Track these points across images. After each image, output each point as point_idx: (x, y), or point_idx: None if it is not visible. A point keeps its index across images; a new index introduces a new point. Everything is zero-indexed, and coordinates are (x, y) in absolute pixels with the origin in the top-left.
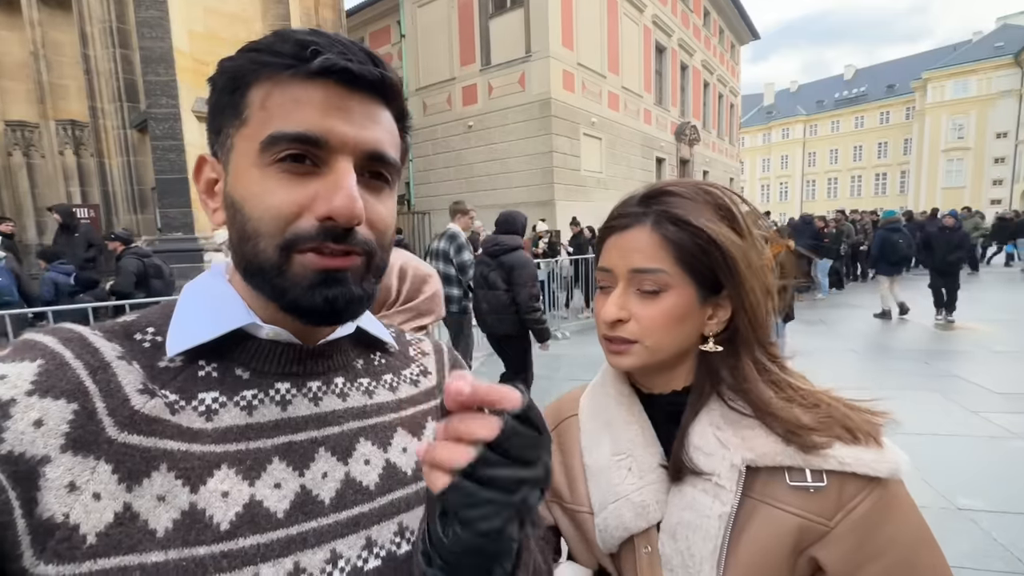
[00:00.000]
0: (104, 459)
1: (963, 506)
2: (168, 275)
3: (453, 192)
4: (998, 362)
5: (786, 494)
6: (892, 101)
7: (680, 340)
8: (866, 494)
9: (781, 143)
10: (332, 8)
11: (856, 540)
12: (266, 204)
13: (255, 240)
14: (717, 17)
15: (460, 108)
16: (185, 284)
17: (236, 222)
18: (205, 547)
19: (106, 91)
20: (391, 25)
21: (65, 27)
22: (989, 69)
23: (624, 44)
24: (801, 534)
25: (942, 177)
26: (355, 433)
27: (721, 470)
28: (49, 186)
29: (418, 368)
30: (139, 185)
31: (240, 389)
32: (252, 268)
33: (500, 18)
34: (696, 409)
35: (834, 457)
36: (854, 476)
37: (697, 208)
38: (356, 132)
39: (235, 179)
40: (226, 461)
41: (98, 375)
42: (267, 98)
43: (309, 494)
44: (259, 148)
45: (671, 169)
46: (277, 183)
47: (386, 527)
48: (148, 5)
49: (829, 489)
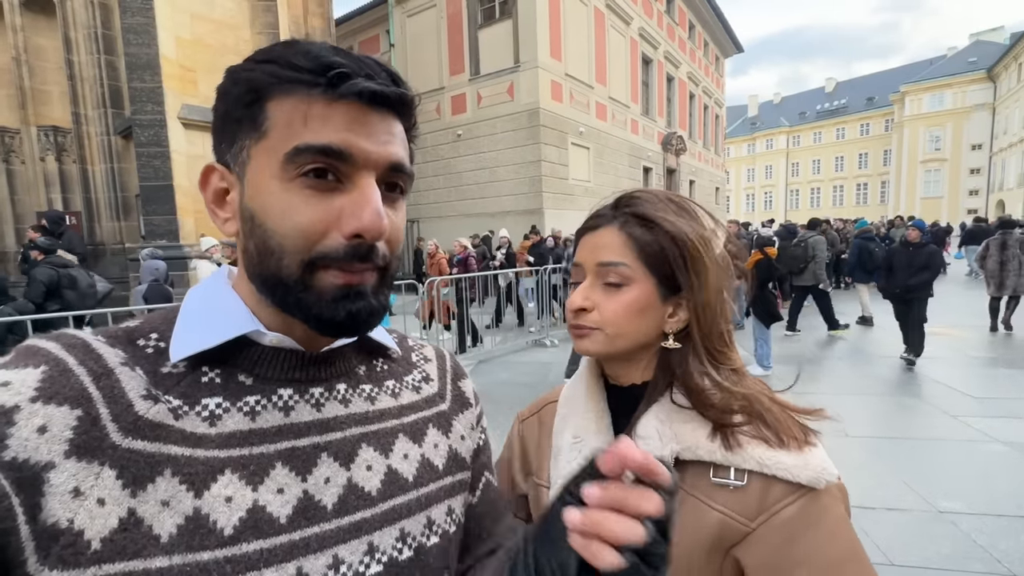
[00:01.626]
0: (108, 465)
1: (944, 509)
2: (86, 286)
3: (442, 200)
4: (974, 367)
5: (710, 489)
6: (872, 113)
7: (640, 332)
8: (791, 500)
9: (765, 153)
10: (321, 16)
11: (777, 545)
12: (293, 221)
13: (279, 255)
14: (702, 30)
15: (449, 117)
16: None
17: (255, 235)
18: (209, 552)
19: (90, 97)
20: (380, 34)
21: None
22: (963, 83)
23: (611, 55)
24: (722, 530)
25: (921, 187)
26: (357, 439)
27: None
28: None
29: (420, 374)
30: (123, 192)
31: (243, 395)
32: (273, 281)
33: (489, 28)
34: (650, 402)
35: (754, 458)
36: (780, 480)
37: (662, 211)
38: (378, 148)
39: (254, 191)
40: (229, 466)
41: (101, 381)
42: (291, 112)
43: (312, 499)
44: (283, 160)
45: (658, 178)
46: (302, 199)
47: (388, 533)
48: (134, 11)
49: (751, 489)
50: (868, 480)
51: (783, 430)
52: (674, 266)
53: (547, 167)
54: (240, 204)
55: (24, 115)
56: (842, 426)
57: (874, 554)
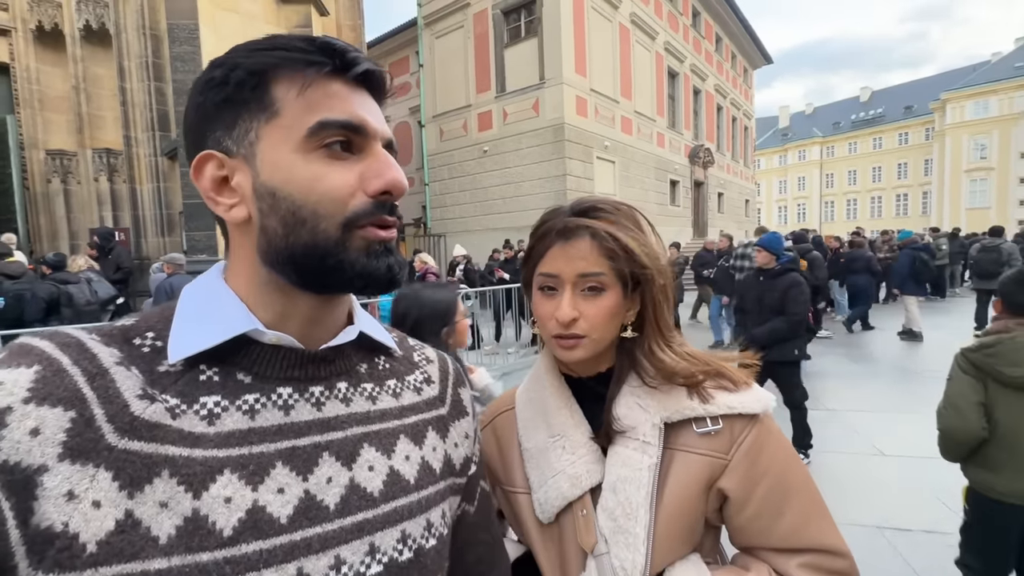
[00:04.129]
0: (104, 466)
1: None
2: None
3: (468, 215)
4: None
5: (695, 440)
6: (910, 122)
7: (613, 331)
8: (750, 428)
9: (798, 164)
10: (355, 41)
11: (746, 466)
12: (324, 186)
13: (314, 222)
14: (729, 43)
15: (476, 134)
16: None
17: (280, 209)
18: (208, 553)
19: (140, 121)
20: (410, 55)
21: (104, 62)
22: (1010, 89)
23: (636, 70)
24: (711, 470)
25: (966, 197)
26: (359, 438)
27: (645, 429)
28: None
29: (422, 375)
30: (167, 209)
31: (242, 393)
32: (306, 251)
33: (515, 47)
34: (619, 384)
35: (725, 404)
36: (739, 416)
37: (621, 224)
38: (379, 123)
39: (272, 168)
40: (228, 466)
41: (96, 381)
42: (303, 90)
43: (314, 499)
44: (305, 135)
45: (685, 191)
46: (327, 167)
47: (389, 534)
48: (182, 41)
49: (724, 430)
50: (905, 500)
51: (736, 378)
52: (634, 271)
53: (572, 181)
54: (254, 184)
55: (81, 139)
56: (877, 444)
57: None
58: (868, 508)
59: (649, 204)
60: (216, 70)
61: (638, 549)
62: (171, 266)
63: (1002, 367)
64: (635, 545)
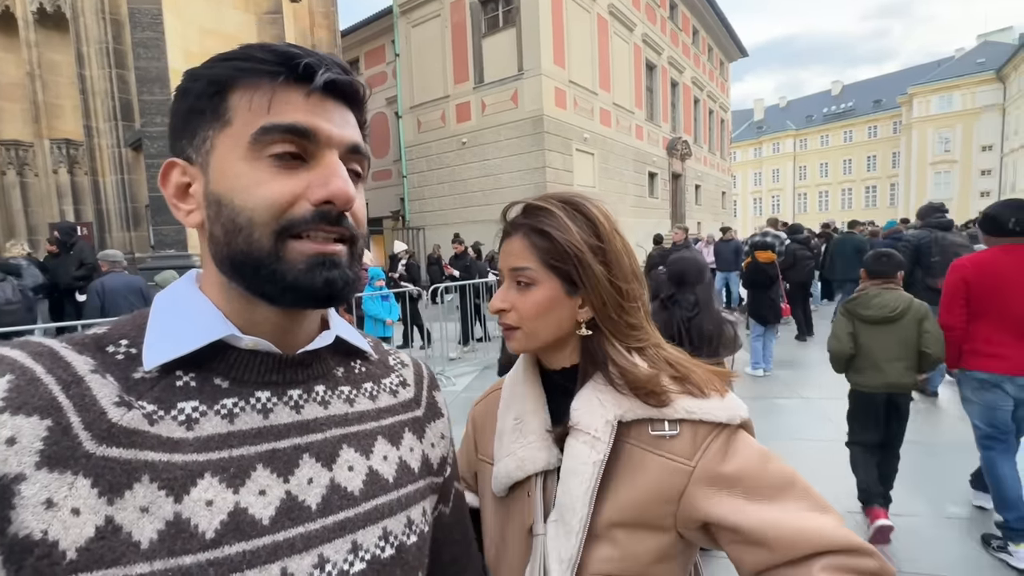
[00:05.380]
0: (82, 474)
1: (951, 515)
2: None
3: (447, 208)
4: None
5: (651, 440)
6: (879, 116)
7: (554, 325)
8: (714, 436)
9: (772, 157)
10: (327, 29)
11: (712, 475)
12: (261, 194)
13: (248, 230)
14: (706, 35)
15: (454, 125)
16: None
17: (222, 216)
18: (191, 556)
19: (101, 111)
20: (386, 44)
21: (61, 48)
22: (972, 84)
23: (615, 62)
24: (671, 475)
25: (931, 189)
26: (338, 440)
27: (598, 425)
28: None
29: (398, 378)
30: (132, 203)
31: (220, 398)
32: (243, 259)
33: (493, 37)
34: (584, 380)
35: (682, 407)
36: (702, 423)
37: (562, 221)
38: (338, 130)
39: (219, 176)
40: (209, 470)
41: (71, 389)
42: (253, 99)
43: (295, 500)
44: (250, 141)
45: (663, 183)
46: (269, 174)
47: (371, 531)
48: (144, 26)
49: (683, 435)
50: None
51: (705, 384)
52: (569, 269)
53: (552, 173)
54: (205, 191)
55: (38, 128)
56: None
57: None
58: (841, 493)
59: (628, 196)
60: (186, 79)
61: (570, 540)
62: (107, 263)
63: (861, 310)
64: (568, 535)
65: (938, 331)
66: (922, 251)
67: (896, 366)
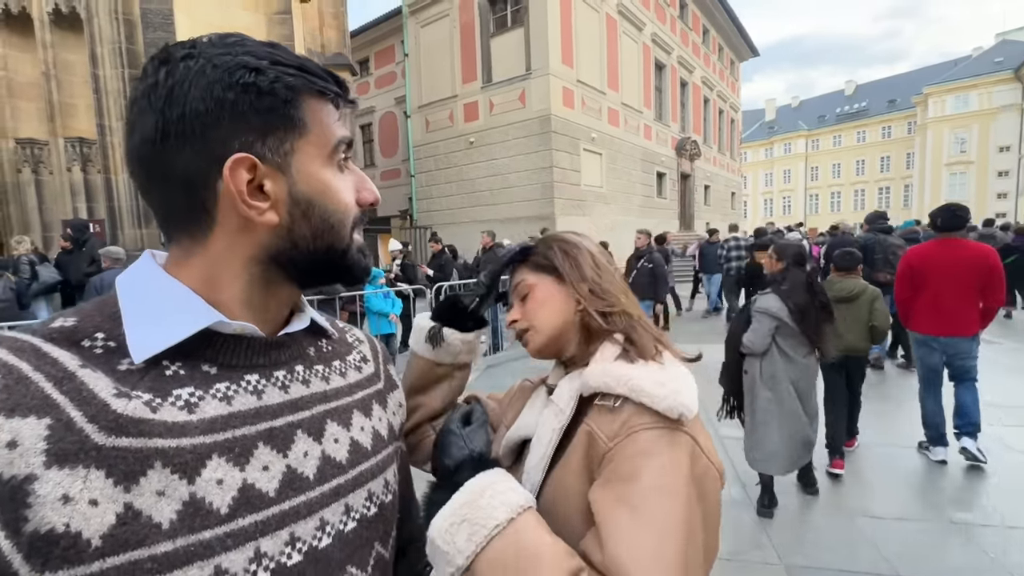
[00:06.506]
0: (94, 466)
1: (957, 520)
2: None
3: (455, 207)
4: (997, 375)
5: (597, 414)
6: (893, 116)
7: (557, 314)
8: (649, 426)
9: (783, 157)
10: (337, 29)
11: (617, 459)
12: (344, 197)
13: (339, 228)
14: (716, 35)
15: (462, 125)
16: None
17: (313, 216)
18: (210, 531)
19: (114, 109)
20: (395, 45)
21: (76, 48)
22: (989, 84)
23: (623, 61)
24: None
25: (946, 190)
26: (323, 415)
27: (565, 398)
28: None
29: (359, 355)
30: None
31: (213, 383)
32: (329, 252)
33: (501, 37)
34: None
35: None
36: (647, 409)
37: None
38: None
39: (306, 179)
40: (216, 451)
41: (64, 385)
42: (321, 112)
43: (295, 472)
44: (331, 151)
45: (672, 183)
46: (342, 180)
47: (359, 494)
48: (156, 27)
49: (623, 413)
50: (879, 490)
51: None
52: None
53: (559, 173)
54: (291, 192)
55: (52, 127)
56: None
57: (882, 566)
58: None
59: (636, 196)
60: (249, 74)
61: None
62: (108, 260)
63: (828, 292)
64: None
65: (884, 310)
66: (867, 250)
67: (852, 334)
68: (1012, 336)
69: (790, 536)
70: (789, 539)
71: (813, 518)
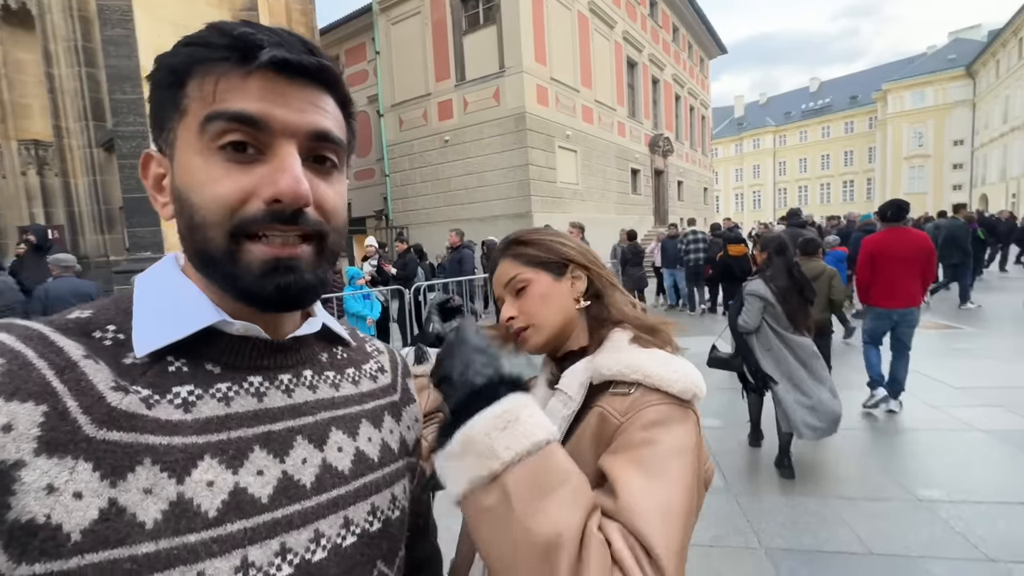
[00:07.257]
0: (83, 458)
1: (923, 497)
2: None
3: (431, 206)
4: (957, 359)
5: (609, 399)
6: (855, 111)
7: (557, 310)
8: (657, 403)
9: (752, 153)
10: (305, 26)
11: (630, 430)
12: (212, 192)
13: (204, 229)
14: (686, 33)
15: (436, 123)
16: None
17: (184, 212)
18: (195, 534)
19: (71, 110)
20: (366, 42)
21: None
22: (944, 80)
23: (596, 59)
24: (601, 427)
25: (906, 183)
26: (327, 423)
27: (575, 386)
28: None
29: (376, 364)
30: (106, 204)
31: (214, 382)
32: (203, 257)
33: (474, 35)
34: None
35: (640, 369)
36: (656, 390)
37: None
38: (296, 116)
39: (181, 169)
40: (208, 451)
41: (66, 374)
42: (203, 86)
43: (291, 479)
44: (197, 130)
45: (646, 180)
46: (222, 170)
47: (361, 507)
48: (114, 23)
49: (634, 395)
50: (850, 471)
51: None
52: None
53: (535, 171)
54: (172, 185)
55: (4, 129)
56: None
57: (855, 544)
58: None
59: (611, 193)
60: (154, 66)
61: None
62: (58, 268)
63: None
64: None
65: (840, 286)
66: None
67: (816, 309)
68: (971, 322)
69: (769, 520)
70: (768, 523)
71: (790, 501)
